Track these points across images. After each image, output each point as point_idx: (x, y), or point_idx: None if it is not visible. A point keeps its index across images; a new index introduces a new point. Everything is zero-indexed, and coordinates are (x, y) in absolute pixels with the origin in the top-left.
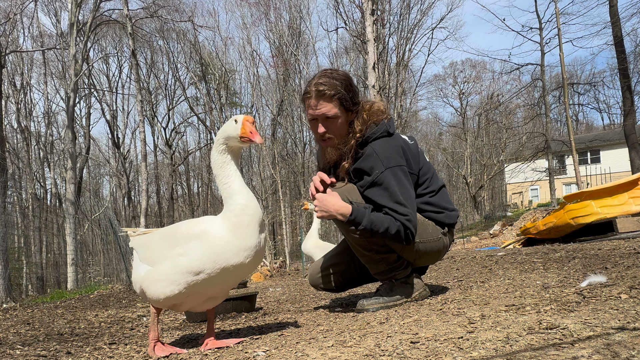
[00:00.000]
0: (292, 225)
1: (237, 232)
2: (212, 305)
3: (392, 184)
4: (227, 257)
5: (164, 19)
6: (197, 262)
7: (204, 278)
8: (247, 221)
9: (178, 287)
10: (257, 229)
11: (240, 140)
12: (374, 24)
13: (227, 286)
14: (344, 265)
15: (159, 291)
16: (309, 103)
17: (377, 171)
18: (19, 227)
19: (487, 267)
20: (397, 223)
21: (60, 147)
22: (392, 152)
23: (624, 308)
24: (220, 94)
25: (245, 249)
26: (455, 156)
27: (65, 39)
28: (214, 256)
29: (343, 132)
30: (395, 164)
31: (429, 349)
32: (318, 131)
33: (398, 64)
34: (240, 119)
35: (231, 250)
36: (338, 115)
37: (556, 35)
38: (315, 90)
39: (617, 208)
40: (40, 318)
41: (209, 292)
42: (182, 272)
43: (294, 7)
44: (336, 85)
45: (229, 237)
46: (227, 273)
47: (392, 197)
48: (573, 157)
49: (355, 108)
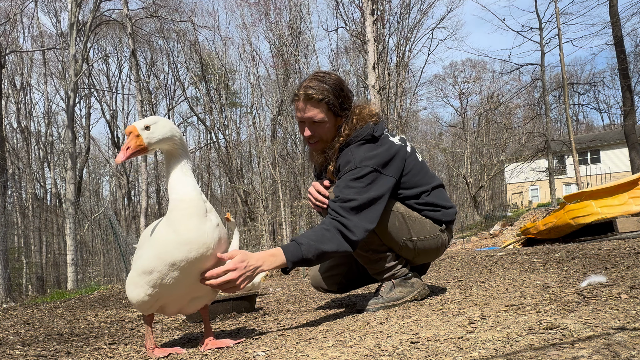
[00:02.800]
0: (292, 225)
1: (173, 227)
2: (200, 306)
3: (353, 181)
4: (170, 253)
5: (164, 19)
6: (146, 261)
7: (157, 276)
8: (180, 216)
9: (142, 289)
10: (195, 221)
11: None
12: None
13: (193, 283)
14: (346, 266)
15: (132, 295)
16: (297, 105)
17: (347, 168)
18: (19, 227)
19: (487, 267)
20: (334, 223)
21: (60, 147)
22: (369, 153)
23: (624, 308)
24: (220, 94)
25: (184, 243)
26: (455, 156)
27: (65, 39)
28: (159, 253)
29: (330, 136)
30: (368, 165)
31: (429, 349)
32: (304, 134)
33: (398, 64)
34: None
35: (171, 245)
36: (325, 120)
37: (556, 35)
38: (304, 93)
39: (617, 208)
40: (40, 318)
41: (180, 292)
42: (139, 274)
43: (294, 7)
44: (325, 89)
45: (166, 234)
46: (179, 269)
47: (341, 193)
48: (573, 157)
49: (345, 113)
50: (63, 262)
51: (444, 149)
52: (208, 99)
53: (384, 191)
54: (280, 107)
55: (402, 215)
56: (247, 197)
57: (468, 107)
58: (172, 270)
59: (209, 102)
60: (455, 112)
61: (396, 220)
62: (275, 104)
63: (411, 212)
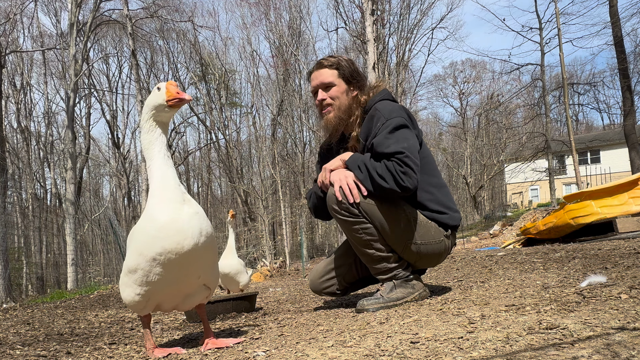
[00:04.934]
0: (292, 225)
1: (149, 214)
2: (196, 303)
3: (388, 133)
4: (149, 245)
5: (164, 19)
6: (129, 259)
7: (142, 274)
8: (161, 199)
9: (131, 288)
10: (173, 206)
11: (168, 106)
12: (374, 24)
13: (183, 279)
14: (345, 267)
15: (123, 297)
16: (312, 77)
17: (379, 123)
18: (19, 227)
19: (487, 267)
20: (389, 163)
21: (60, 147)
22: (395, 108)
23: (624, 308)
24: (220, 94)
25: (159, 229)
26: (455, 156)
27: (65, 39)
28: (139, 249)
29: (343, 101)
30: (397, 116)
31: (429, 349)
32: (317, 99)
33: (398, 64)
34: (163, 85)
35: (148, 234)
36: (335, 83)
37: (556, 35)
38: (318, 63)
39: (617, 208)
40: (40, 318)
41: (170, 289)
42: (126, 274)
43: (294, 7)
44: (336, 59)
45: (144, 224)
46: (160, 263)
47: (386, 142)
48: (573, 157)
49: (357, 83)
50: (63, 262)
51: (444, 149)
52: (208, 99)
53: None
54: (280, 107)
55: (408, 217)
56: (247, 197)
57: (468, 107)
58: (154, 266)
59: (209, 102)
60: (455, 112)
61: (401, 222)
62: (275, 104)
63: (417, 214)
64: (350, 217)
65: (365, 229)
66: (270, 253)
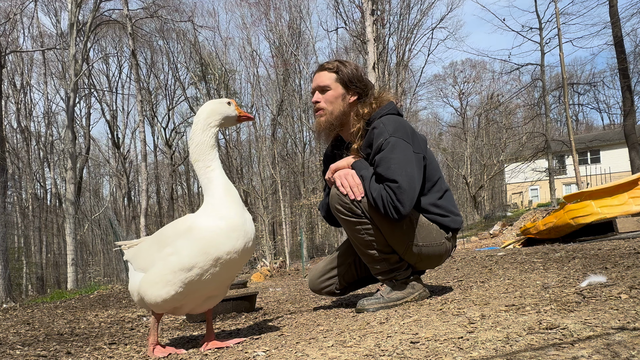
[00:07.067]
0: (292, 225)
1: (221, 214)
2: (212, 305)
3: (391, 153)
4: (219, 245)
5: (164, 19)
6: (186, 257)
7: (197, 273)
8: (230, 202)
9: (173, 287)
10: (240, 209)
11: (237, 120)
12: (374, 24)
13: (223, 280)
14: (345, 267)
15: (156, 294)
16: (313, 78)
17: (382, 139)
18: (19, 227)
19: (487, 267)
20: (384, 192)
21: (60, 147)
22: (399, 125)
23: (624, 308)
24: (220, 94)
25: (233, 229)
26: (455, 156)
27: (65, 39)
28: (205, 247)
29: (337, 107)
30: (401, 135)
31: (429, 349)
32: (312, 100)
33: (398, 64)
34: (232, 102)
35: (221, 234)
36: (331, 87)
37: (556, 35)
38: (320, 66)
39: (617, 208)
40: (40, 318)
41: (207, 289)
42: (175, 271)
43: (294, 7)
44: (338, 64)
45: (215, 223)
46: (222, 263)
47: (386, 164)
48: (573, 157)
49: (356, 88)
50: (63, 262)
51: (444, 149)
52: (208, 99)
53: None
54: (280, 107)
55: (410, 219)
56: (247, 197)
57: (468, 107)
58: (214, 265)
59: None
60: (455, 112)
61: (404, 223)
62: (275, 104)
63: (419, 216)
64: (353, 217)
65: (367, 229)
66: (270, 253)
